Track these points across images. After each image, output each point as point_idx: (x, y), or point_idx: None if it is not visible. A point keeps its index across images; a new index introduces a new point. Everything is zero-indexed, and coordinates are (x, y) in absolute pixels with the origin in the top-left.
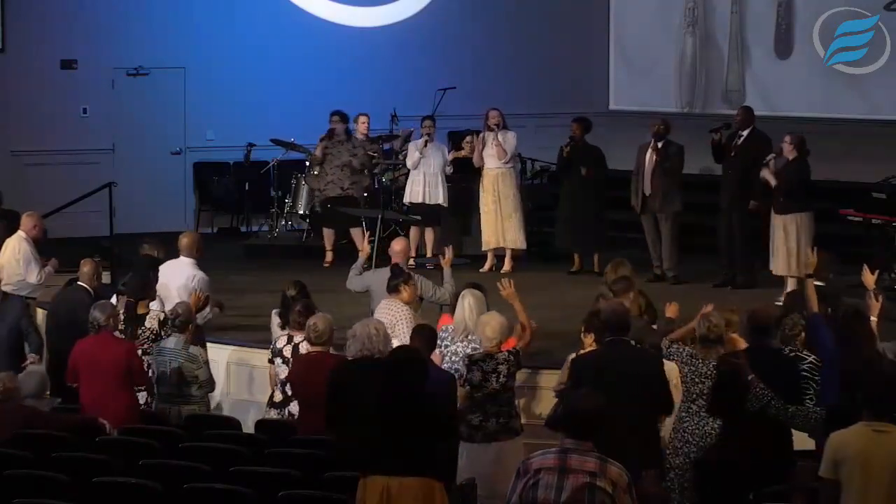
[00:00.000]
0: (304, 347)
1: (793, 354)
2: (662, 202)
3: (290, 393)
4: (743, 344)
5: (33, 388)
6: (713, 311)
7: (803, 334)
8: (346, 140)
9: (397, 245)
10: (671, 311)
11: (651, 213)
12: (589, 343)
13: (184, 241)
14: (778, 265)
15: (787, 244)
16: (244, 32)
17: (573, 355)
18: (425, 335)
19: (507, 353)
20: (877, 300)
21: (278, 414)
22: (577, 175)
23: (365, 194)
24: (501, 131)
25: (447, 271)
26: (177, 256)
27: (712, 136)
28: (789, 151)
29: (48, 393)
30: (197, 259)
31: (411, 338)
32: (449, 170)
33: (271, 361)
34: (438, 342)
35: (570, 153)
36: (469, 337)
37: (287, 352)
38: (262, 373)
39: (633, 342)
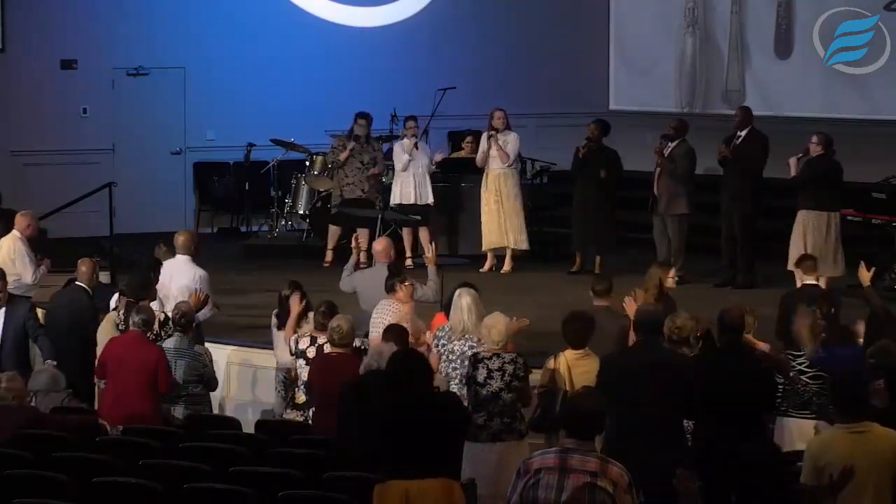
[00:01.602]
0: (328, 349)
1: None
2: (668, 204)
3: None
4: (760, 345)
5: (44, 384)
6: (680, 313)
7: (823, 335)
8: (366, 142)
9: (378, 245)
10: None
11: (660, 213)
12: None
13: (180, 238)
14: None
15: (797, 240)
16: (244, 32)
17: (551, 359)
18: (396, 334)
19: (515, 355)
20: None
21: (301, 416)
22: (592, 176)
23: (377, 195)
24: (503, 133)
25: (431, 269)
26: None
27: (720, 150)
28: (816, 150)
29: (64, 386)
30: (194, 256)
31: (383, 338)
32: (432, 168)
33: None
34: (435, 341)
35: (587, 154)
36: (466, 336)
37: (311, 353)
38: (262, 373)
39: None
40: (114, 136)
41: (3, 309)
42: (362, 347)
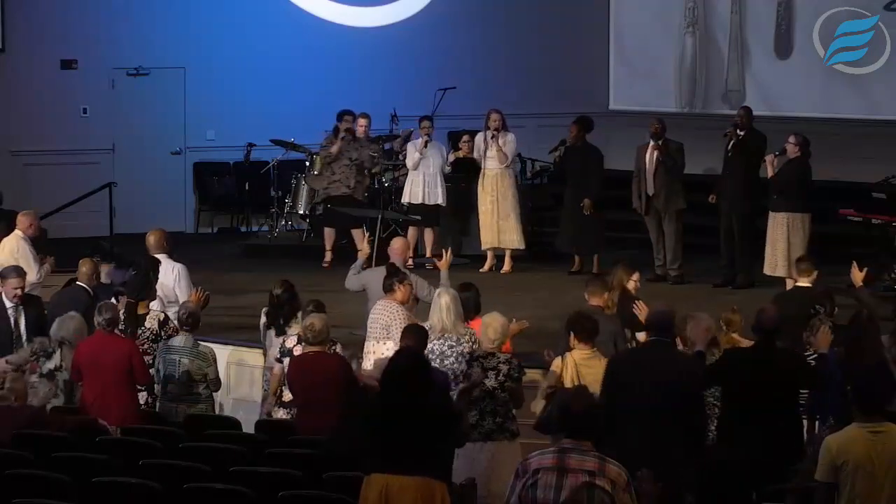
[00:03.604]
0: (301, 349)
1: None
2: (666, 201)
3: None
4: (744, 343)
5: (72, 334)
6: (703, 317)
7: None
8: (353, 140)
9: (396, 244)
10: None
11: (655, 213)
12: (573, 342)
13: (151, 239)
14: (765, 264)
15: (776, 243)
16: (244, 32)
17: (558, 359)
18: (416, 334)
19: (509, 355)
20: None
21: (288, 413)
22: (573, 177)
23: (366, 194)
24: (502, 133)
25: (444, 273)
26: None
27: (728, 132)
28: (793, 151)
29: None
30: (169, 253)
31: (402, 338)
32: (447, 169)
33: (279, 360)
34: None
35: (562, 157)
36: (445, 335)
37: (297, 352)
38: (261, 372)
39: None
40: (114, 136)
41: (22, 307)
42: (333, 350)
